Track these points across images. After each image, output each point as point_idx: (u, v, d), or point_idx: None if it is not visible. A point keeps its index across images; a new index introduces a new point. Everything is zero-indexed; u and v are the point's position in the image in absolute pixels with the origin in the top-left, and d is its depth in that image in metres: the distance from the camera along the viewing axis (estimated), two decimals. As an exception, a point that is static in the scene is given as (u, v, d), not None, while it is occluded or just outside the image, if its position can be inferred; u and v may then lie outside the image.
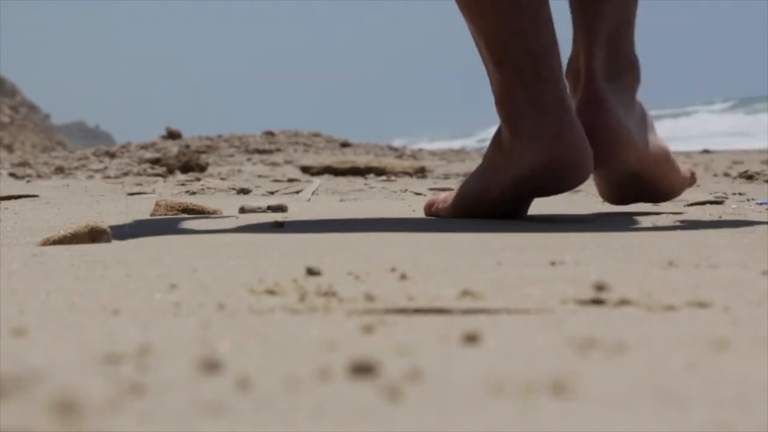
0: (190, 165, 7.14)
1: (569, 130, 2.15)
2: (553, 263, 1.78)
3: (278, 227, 2.60)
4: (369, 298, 1.43)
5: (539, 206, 3.20)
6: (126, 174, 7.29)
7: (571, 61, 2.35)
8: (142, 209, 3.38)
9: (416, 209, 3.17)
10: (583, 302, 1.40)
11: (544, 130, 2.17)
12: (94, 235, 2.29)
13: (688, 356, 1.05)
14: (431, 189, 4.21)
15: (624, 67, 2.36)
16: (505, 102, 2.21)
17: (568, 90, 2.22)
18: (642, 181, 2.56)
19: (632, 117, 2.35)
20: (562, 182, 2.26)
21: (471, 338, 1.13)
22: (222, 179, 6.28)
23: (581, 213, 3.04)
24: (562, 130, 2.16)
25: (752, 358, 1.04)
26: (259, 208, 3.16)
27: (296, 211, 3.17)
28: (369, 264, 1.78)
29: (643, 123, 2.36)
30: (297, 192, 4.46)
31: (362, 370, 0.97)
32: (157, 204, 3.16)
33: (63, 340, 1.16)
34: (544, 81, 2.15)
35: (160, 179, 6.21)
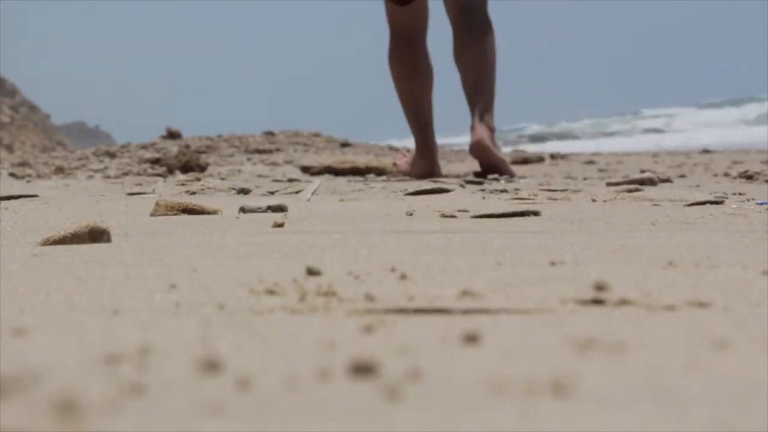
0: (190, 165, 7.13)
1: (430, 159, 6.09)
2: (553, 263, 1.78)
3: (278, 227, 2.60)
4: (369, 298, 1.43)
5: (550, 206, 3.21)
6: (126, 174, 7.29)
7: (472, 123, 5.75)
8: (142, 209, 3.38)
9: (416, 209, 3.17)
10: (583, 302, 1.40)
11: (421, 157, 6.14)
12: (94, 235, 2.29)
13: (688, 356, 1.05)
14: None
15: (488, 127, 5.65)
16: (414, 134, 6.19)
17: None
18: (496, 169, 5.65)
19: (492, 140, 5.69)
20: (430, 175, 5.92)
21: (471, 338, 1.13)
22: (222, 179, 6.28)
23: (582, 212, 3.05)
24: (429, 161, 6.10)
25: (752, 358, 1.04)
26: (259, 208, 3.17)
27: (296, 211, 3.17)
28: (369, 264, 1.78)
29: (497, 146, 5.69)
30: (297, 192, 4.46)
31: (362, 370, 0.97)
32: (157, 204, 3.17)
33: (63, 340, 1.16)
34: (423, 132, 6.13)
35: (160, 179, 6.21)
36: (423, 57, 6.06)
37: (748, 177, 5.90)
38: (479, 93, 5.73)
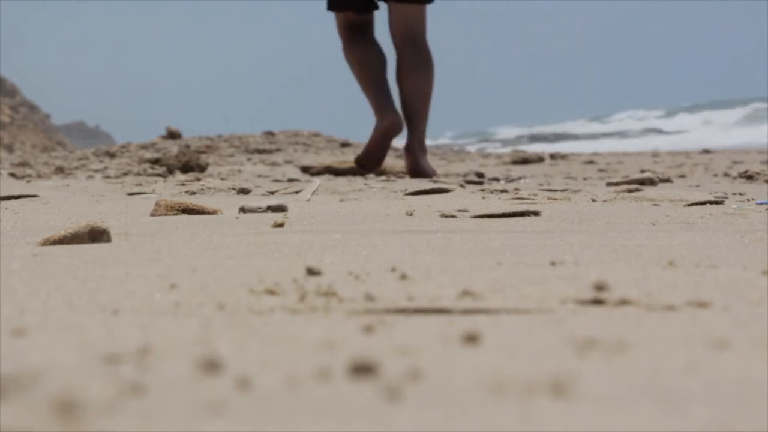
0: (190, 165, 7.13)
1: (392, 113, 6.56)
2: (553, 263, 1.78)
3: (278, 227, 2.60)
4: (369, 298, 1.43)
5: (554, 206, 3.21)
6: (126, 174, 7.29)
7: (407, 144, 6.68)
8: (142, 209, 3.38)
9: (416, 209, 3.17)
10: (583, 302, 1.40)
11: (384, 114, 6.53)
12: (94, 235, 2.29)
13: (688, 356, 1.05)
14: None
15: (422, 150, 6.59)
16: (372, 106, 6.72)
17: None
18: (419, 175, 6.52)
19: (424, 160, 6.57)
20: (395, 126, 6.58)
21: (471, 338, 1.13)
22: (222, 179, 6.28)
23: (582, 212, 3.05)
24: (390, 114, 6.55)
25: (752, 358, 1.04)
26: (259, 208, 3.17)
27: (296, 211, 3.17)
28: (369, 264, 1.78)
29: (427, 161, 6.60)
30: (297, 192, 4.46)
31: (362, 370, 0.97)
32: (157, 204, 3.17)
33: (63, 340, 1.17)
34: (383, 92, 6.56)
35: (160, 179, 6.21)
36: (375, 41, 6.72)
37: (748, 177, 5.90)
38: (419, 118, 6.58)
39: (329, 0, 6.71)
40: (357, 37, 6.68)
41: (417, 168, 6.51)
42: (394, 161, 7.74)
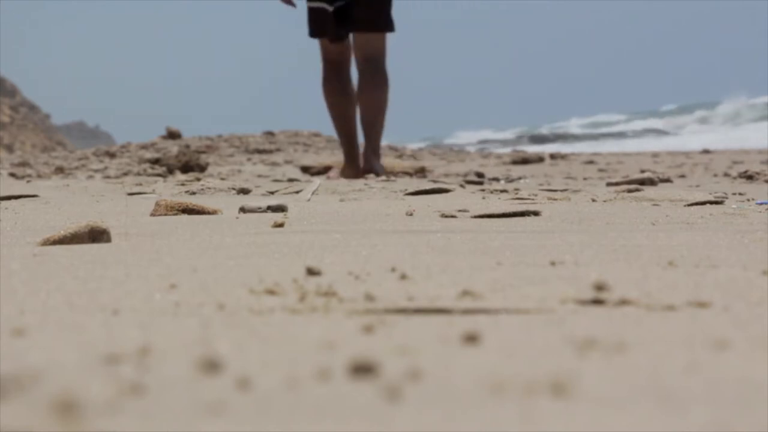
0: (190, 165, 7.14)
1: (356, 165, 7.35)
2: (553, 263, 1.78)
3: (278, 227, 2.60)
4: (369, 298, 1.43)
5: (554, 206, 3.21)
6: (126, 174, 7.29)
7: (363, 151, 7.45)
8: (142, 209, 3.38)
9: (416, 209, 3.17)
10: (583, 302, 1.40)
11: (349, 165, 7.40)
12: (94, 235, 2.29)
13: (688, 356, 1.05)
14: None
15: (376, 155, 7.32)
16: (341, 146, 7.78)
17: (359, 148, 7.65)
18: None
19: (378, 163, 7.32)
20: (356, 176, 7.10)
21: (471, 338, 1.13)
22: (222, 179, 6.28)
23: (582, 212, 3.05)
24: (355, 166, 7.34)
25: (752, 358, 1.04)
26: (259, 208, 3.17)
27: (296, 211, 3.17)
28: (369, 264, 1.78)
29: (380, 163, 7.40)
30: (297, 192, 4.46)
31: (362, 370, 0.97)
32: (157, 204, 3.17)
33: (63, 340, 1.17)
34: (350, 145, 7.50)
35: (160, 179, 6.21)
36: (349, 83, 7.50)
37: (748, 177, 5.90)
38: (374, 129, 7.42)
39: (310, 28, 7.23)
40: (334, 79, 7.38)
41: (369, 169, 7.31)
42: (393, 161, 7.75)
